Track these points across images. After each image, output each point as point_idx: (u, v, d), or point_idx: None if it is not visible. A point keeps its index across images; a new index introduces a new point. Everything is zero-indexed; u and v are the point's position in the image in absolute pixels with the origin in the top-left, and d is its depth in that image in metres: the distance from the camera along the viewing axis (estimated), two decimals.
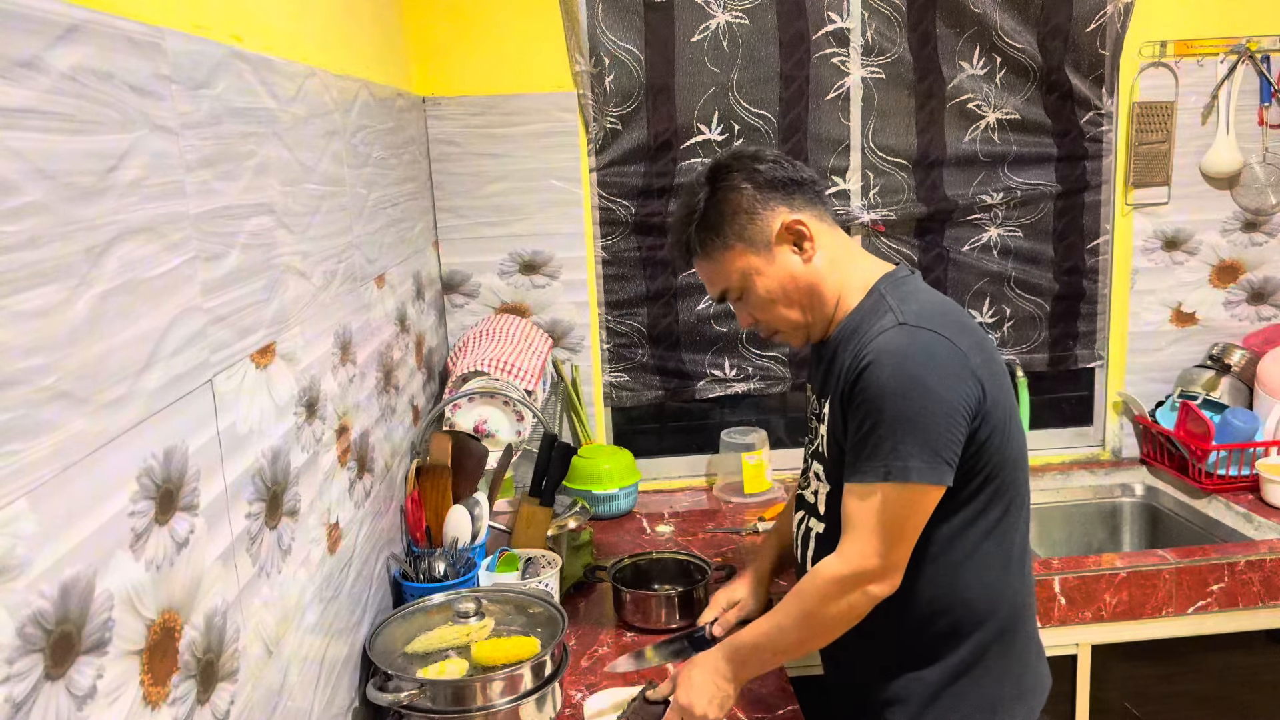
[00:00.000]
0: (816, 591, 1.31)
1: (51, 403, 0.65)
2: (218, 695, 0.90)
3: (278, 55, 1.19)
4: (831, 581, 1.30)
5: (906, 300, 1.33)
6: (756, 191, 1.39)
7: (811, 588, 1.32)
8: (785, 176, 1.40)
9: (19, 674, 0.60)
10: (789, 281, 1.39)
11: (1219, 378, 2.41)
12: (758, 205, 1.39)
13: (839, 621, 1.32)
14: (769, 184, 1.39)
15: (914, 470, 1.23)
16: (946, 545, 1.33)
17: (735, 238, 1.40)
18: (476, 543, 1.77)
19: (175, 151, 0.87)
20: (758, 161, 1.41)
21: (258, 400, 1.04)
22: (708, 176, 1.43)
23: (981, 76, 2.36)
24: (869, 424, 1.26)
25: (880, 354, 1.26)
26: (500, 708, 1.33)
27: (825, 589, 1.30)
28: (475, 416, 2.03)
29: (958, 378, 1.25)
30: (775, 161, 1.41)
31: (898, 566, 1.29)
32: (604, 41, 2.26)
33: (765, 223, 1.38)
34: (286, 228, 1.17)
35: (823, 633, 1.34)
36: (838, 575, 1.29)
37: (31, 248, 0.64)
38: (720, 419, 2.58)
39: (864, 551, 1.28)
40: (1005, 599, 1.37)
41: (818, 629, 1.33)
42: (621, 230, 2.38)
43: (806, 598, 1.33)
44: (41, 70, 0.66)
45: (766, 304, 1.42)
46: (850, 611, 1.30)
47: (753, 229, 1.39)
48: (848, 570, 1.29)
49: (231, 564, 0.94)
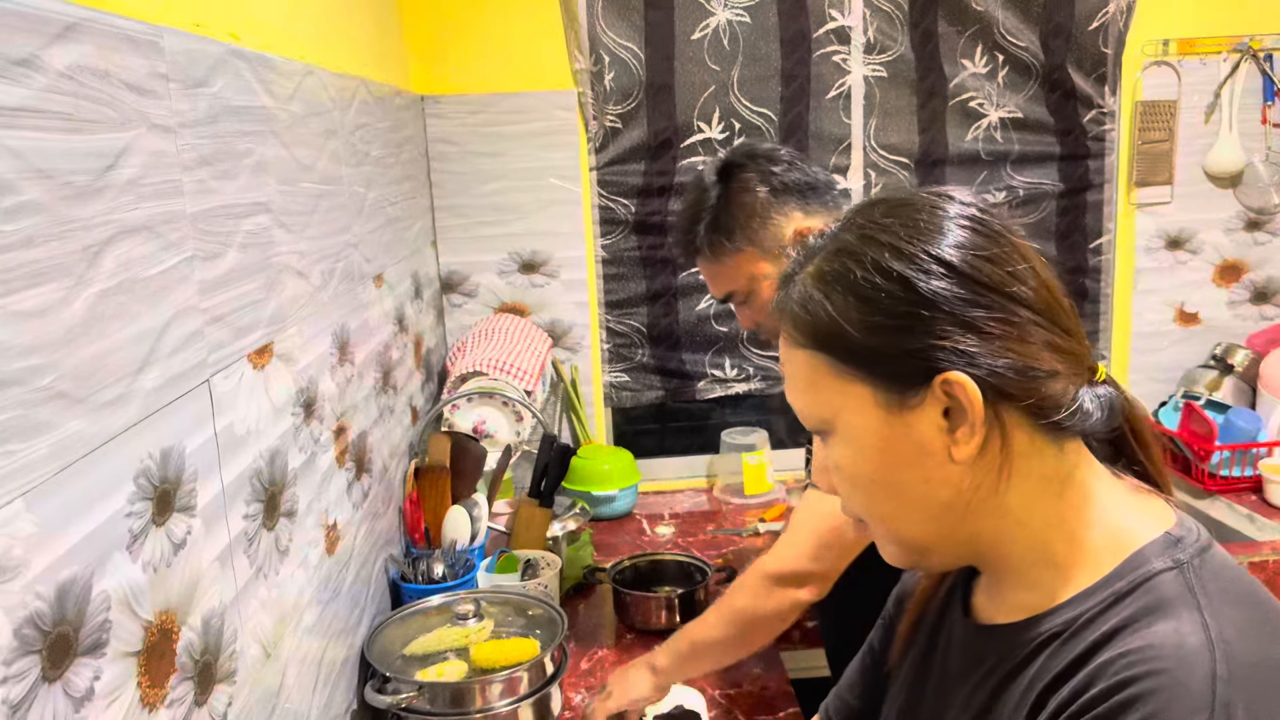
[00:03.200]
0: (748, 587, 1.29)
1: (48, 403, 0.65)
2: (215, 697, 0.89)
3: (275, 53, 1.19)
4: (762, 577, 1.28)
5: None
6: (771, 195, 1.34)
7: (746, 583, 1.30)
8: (800, 179, 1.35)
9: (16, 675, 0.60)
10: None
11: (1222, 378, 2.40)
12: (771, 209, 1.34)
13: (768, 622, 1.28)
14: (784, 187, 1.34)
15: None
16: None
17: (746, 241, 1.35)
18: (475, 544, 1.76)
19: (173, 150, 0.86)
20: (772, 163, 1.36)
21: (255, 400, 1.04)
22: (719, 174, 1.38)
23: (984, 75, 2.35)
24: None
25: None
26: (499, 710, 1.33)
27: (756, 585, 1.28)
28: (474, 417, 2.03)
29: None
30: (790, 163, 1.37)
31: (827, 576, 1.25)
32: (604, 39, 2.26)
33: (778, 227, 1.34)
34: (284, 227, 1.16)
35: (751, 631, 1.30)
36: (767, 572, 1.27)
37: (28, 247, 0.63)
38: (721, 419, 2.58)
39: (797, 553, 1.25)
40: None
41: (746, 627, 1.30)
42: (621, 229, 2.37)
43: (739, 592, 1.30)
44: (39, 69, 0.66)
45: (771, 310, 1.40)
46: (777, 614, 1.27)
47: (764, 233, 1.34)
48: (778, 569, 1.27)
49: (229, 565, 0.94)
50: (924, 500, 0.69)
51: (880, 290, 0.67)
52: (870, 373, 0.68)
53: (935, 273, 0.66)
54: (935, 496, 0.69)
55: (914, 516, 0.71)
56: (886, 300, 0.67)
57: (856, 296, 0.68)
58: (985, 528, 0.70)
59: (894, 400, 0.68)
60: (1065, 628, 0.66)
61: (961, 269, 0.67)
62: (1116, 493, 0.71)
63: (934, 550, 0.73)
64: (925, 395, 0.67)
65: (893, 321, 0.67)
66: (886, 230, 0.70)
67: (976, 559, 0.74)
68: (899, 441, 0.68)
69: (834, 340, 0.69)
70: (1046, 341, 0.67)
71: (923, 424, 0.67)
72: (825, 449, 0.74)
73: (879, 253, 0.68)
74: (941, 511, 0.70)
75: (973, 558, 0.74)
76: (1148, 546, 0.67)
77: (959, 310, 0.66)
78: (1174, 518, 0.70)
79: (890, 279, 0.67)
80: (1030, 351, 0.66)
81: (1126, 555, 0.67)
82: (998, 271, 0.67)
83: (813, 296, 0.71)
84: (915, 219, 0.69)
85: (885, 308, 0.67)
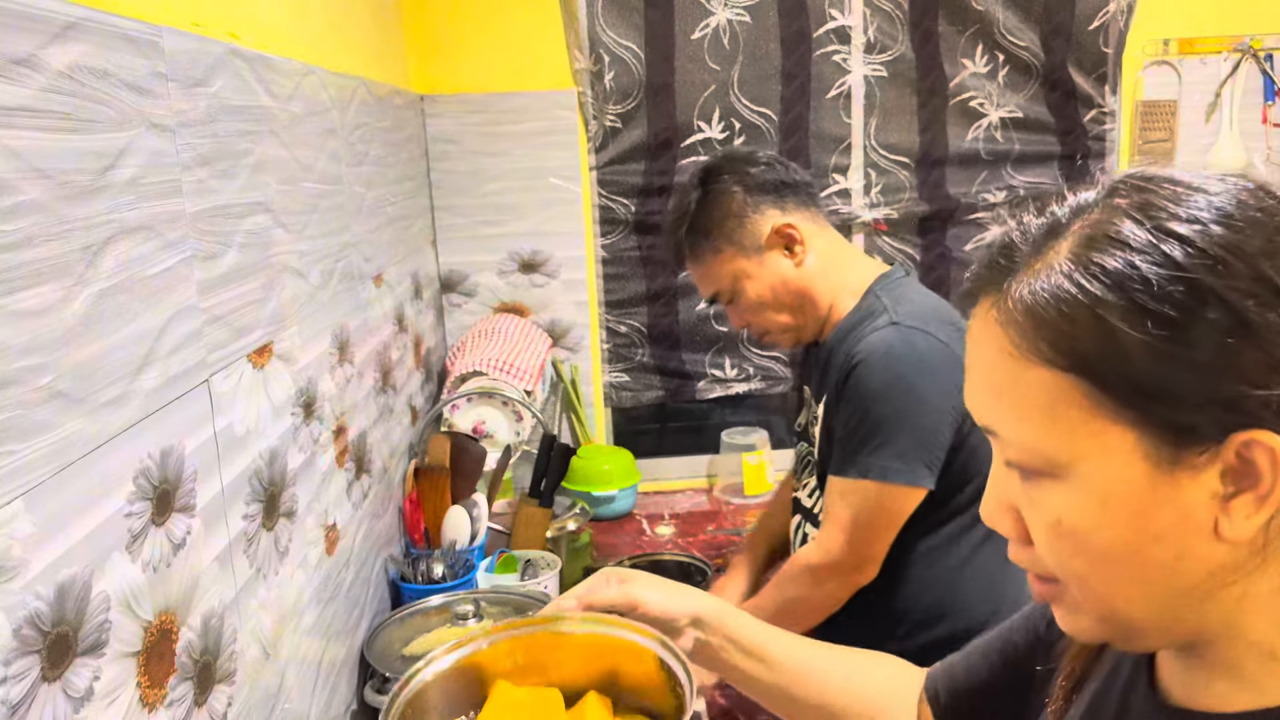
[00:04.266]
0: (793, 579, 1.36)
1: (48, 403, 0.65)
2: (215, 697, 0.89)
3: (275, 53, 1.18)
4: (806, 570, 1.34)
5: (901, 300, 1.33)
6: (747, 195, 1.38)
7: (789, 575, 1.37)
8: (777, 179, 1.39)
9: (16, 675, 0.60)
10: (779, 285, 1.39)
11: None
12: (748, 209, 1.38)
13: (816, 608, 1.35)
14: (760, 187, 1.39)
15: (891, 471, 1.25)
16: (945, 550, 1.33)
17: (725, 241, 1.39)
18: (475, 544, 1.76)
19: (172, 150, 0.86)
20: (749, 164, 1.41)
21: (255, 400, 1.03)
22: (699, 179, 1.43)
23: (984, 74, 2.35)
24: (854, 421, 1.28)
25: (870, 353, 1.27)
26: None
27: (800, 576, 1.35)
28: (474, 417, 2.03)
29: (948, 380, 1.25)
30: (768, 164, 1.41)
31: (873, 559, 1.32)
32: (603, 39, 2.26)
33: (755, 226, 1.38)
34: (284, 226, 1.16)
35: (801, 618, 1.35)
36: (812, 564, 1.34)
37: (27, 247, 0.63)
38: (721, 419, 2.58)
39: (837, 545, 1.31)
40: (1006, 602, 1.36)
41: (795, 614, 1.34)
42: (621, 229, 2.37)
43: (785, 584, 1.37)
44: (38, 68, 0.66)
45: (756, 308, 1.42)
46: (828, 599, 1.34)
47: (742, 233, 1.39)
48: (821, 560, 1.33)
49: (229, 565, 0.94)
50: (1166, 580, 0.54)
51: (1190, 310, 0.49)
52: (1145, 415, 0.51)
53: (1254, 291, 0.49)
54: (1180, 576, 0.54)
55: (1143, 596, 0.55)
56: (1198, 326, 0.49)
57: (1144, 308, 0.50)
58: (1219, 615, 0.55)
59: (1166, 454, 0.51)
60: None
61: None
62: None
63: (1146, 634, 0.58)
64: (1213, 454, 0.50)
65: (1193, 353, 0.49)
66: (1186, 219, 0.51)
67: (1191, 645, 0.58)
68: (1158, 506, 0.52)
69: (1103, 363, 0.51)
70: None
71: (1195, 488, 0.51)
72: (1031, 490, 0.57)
73: (1174, 249, 0.50)
74: (1179, 594, 0.54)
75: (1187, 644, 0.59)
76: None
77: (1278, 347, 0.49)
78: None
79: (1196, 292, 0.49)
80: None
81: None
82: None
83: (1075, 296, 0.52)
84: (1216, 211, 0.51)
85: (1184, 330, 0.49)
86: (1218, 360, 0.49)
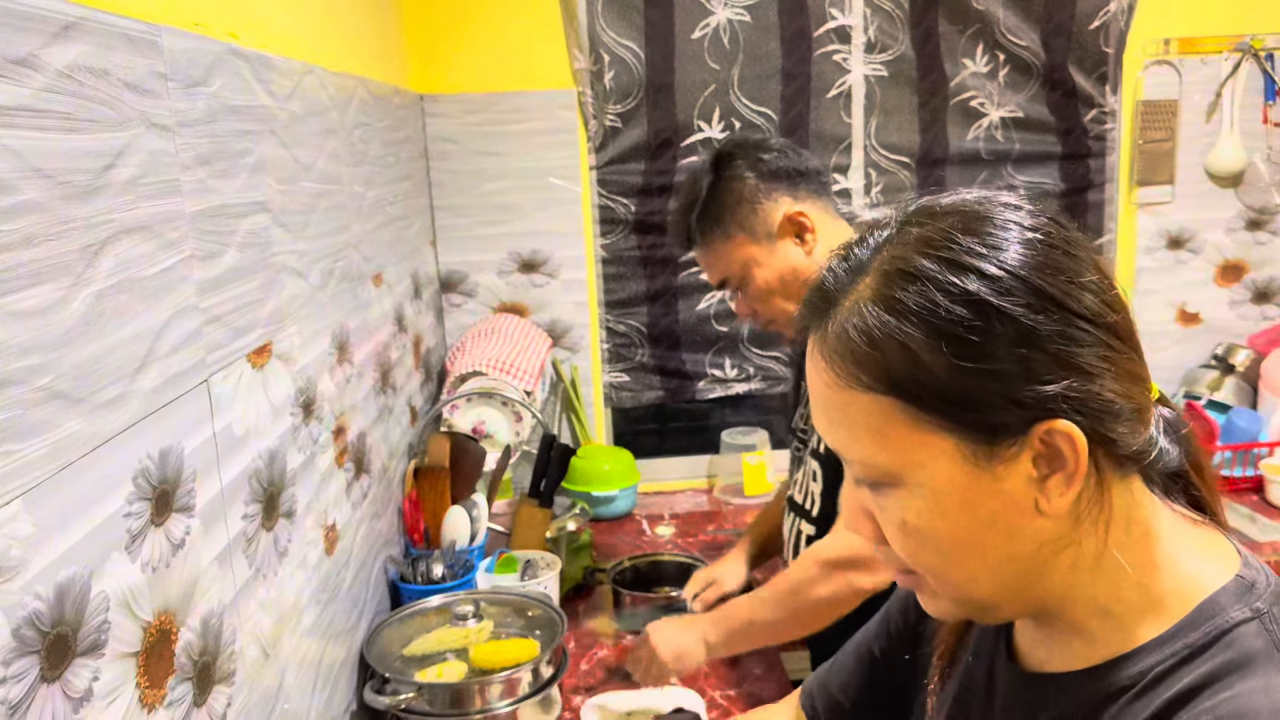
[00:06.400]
0: (805, 571, 1.30)
1: (47, 403, 0.65)
2: (214, 698, 0.89)
3: (274, 52, 1.18)
4: (820, 563, 1.29)
5: None
6: (760, 181, 1.37)
7: (801, 567, 1.31)
8: (790, 166, 1.39)
9: (15, 676, 0.59)
10: (789, 273, 1.38)
11: (1223, 378, 2.40)
12: (760, 195, 1.37)
13: (822, 607, 1.29)
14: (773, 174, 1.38)
15: None
16: None
17: (737, 227, 1.38)
18: (475, 544, 1.76)
19: (171, 150, 0.86)
20: (762, 150, 1.40)
21: (254, 400, 1.03)
22: (712, 163, 1.41)
23: (984, 74, 2.35)
24: None
25: None
26: (499, 711, 1.32)
27: (812, 570, 1.30)
28: (473, 417, 2.03)
29: None
30: (780, 151, 1.40)
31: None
32: (603, 38, 2.25)
33: (767, 213, 1.37)
34: (283, 226, 1.16)
35: (805, 617, 1.31)
36: (827, 558, 1.29)
37: (27, 247, 0.63)
38: (721, 419, 2.57)
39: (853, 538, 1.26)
40: None
41: (800, 611, 1.31)
42: (621, 229, 2.37)
43: (794, 576, 1.32)
44: (37, 68, 0.66)
45: (765, 295, 1.41)
46: (834, 599, 1.28)
47: (754, 219, 1.38)
48: (833, 554, 1.28)
49: (228, 566, 0.94)
50: (1004, 558, 0.62)
51: (970, 325, 0.57)
52: (958, 422, 0.59)
53: (1035, 305, 0.57)
54: (1016, 553, 0.62)
55: (989, 575, 0.63)
56: (979, 338, 0.57)
57: (941, 332, 0.58)
58: (1057, 581, 0.63)
59: (983, 452, 0.59)
60: (1135, 681, 0.60)
61: (1063, 301, 0.58)
62: (1177, 530, 0.64)
63: (999, 608, 0.66)
64: (1021, 445, 0.59)
65: (988, 364, 0.57)
66: (966, 250, 0.59)
67: (1040, 612, 0.67)
68: (985, 496, 0.60)
69: (914, 384, 0.59)
70: (1132, 372, 0.60)
71: (1013, 476, 0.59)
72: (879, 498, 0.64)
73: (962, 277, 0.58)
74: (1019, 569, 0.62)
75: (1036, 612, 0.67)
76: (1220, 593, 0.61)
77: (1060, 348, 0.57)
78: (1238, 557, 0.64)
79: (984, 313, 0.57)
80: (1128, 390, 0.59)
81: (1197, 603, 0.61)
82: (1095, 301, 0.59)
83: (880, 329, 0.59)
84: (995, 236, 0.59)
85: (978, 347, 0.57)
86: (1011, 367, 0.57)
